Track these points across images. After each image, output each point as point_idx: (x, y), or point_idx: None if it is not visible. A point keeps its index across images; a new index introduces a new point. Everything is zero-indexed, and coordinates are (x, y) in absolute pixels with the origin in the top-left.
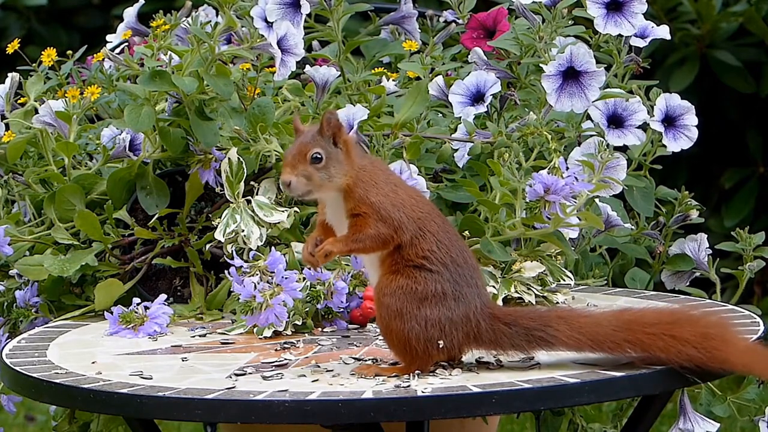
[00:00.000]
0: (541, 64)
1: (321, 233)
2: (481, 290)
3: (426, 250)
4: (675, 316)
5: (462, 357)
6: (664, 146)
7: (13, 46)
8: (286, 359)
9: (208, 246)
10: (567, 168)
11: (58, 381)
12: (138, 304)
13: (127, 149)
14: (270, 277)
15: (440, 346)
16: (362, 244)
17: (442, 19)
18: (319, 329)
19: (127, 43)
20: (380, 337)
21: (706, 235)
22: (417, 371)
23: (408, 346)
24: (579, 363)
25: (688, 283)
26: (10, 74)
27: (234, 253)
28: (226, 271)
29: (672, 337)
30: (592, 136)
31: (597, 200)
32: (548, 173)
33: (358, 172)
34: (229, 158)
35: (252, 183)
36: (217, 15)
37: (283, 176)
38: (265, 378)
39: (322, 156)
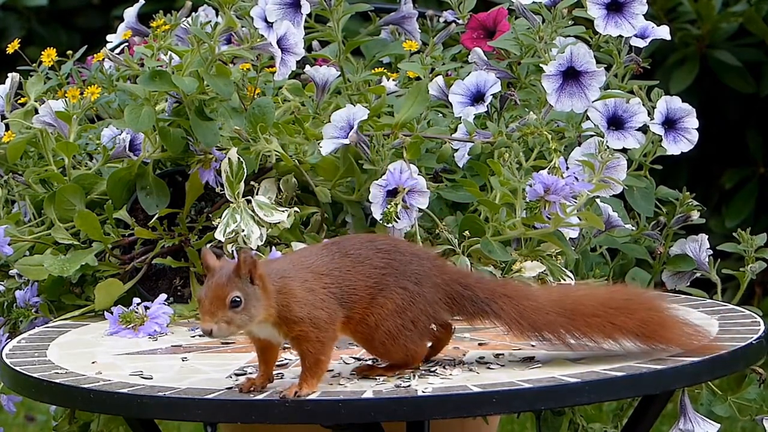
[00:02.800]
0: (541, 64)
1: (258, 352)
2: (421, 254)
3: (362, 287)
4: (614, 304)
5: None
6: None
7: (13, 47)
8: (286, 359)
9: (208, 246)
10: (567, 168)
11: (58, 381)
12: (138, 304)
13: (127, 149)
14: None
15: (434, 329)
16: (324, 358)
17: (442, 19)
18: None
19: (127, 44)
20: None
21: (707, 236)
22: (418, 364)
23: (409, 352)
24: (579, 363)
25: (688, 284)
26: (10, 74)
27: (234, 252)
28: None
29: (612, 325)
30: (592, 136)
31: (597, 200)
32: (548, 173)
33: (277, 298)
34: (229, 158)
35: (252, 183)
36: (217, 15)
37: (203, 325)
38: None
39: (241, 299)
